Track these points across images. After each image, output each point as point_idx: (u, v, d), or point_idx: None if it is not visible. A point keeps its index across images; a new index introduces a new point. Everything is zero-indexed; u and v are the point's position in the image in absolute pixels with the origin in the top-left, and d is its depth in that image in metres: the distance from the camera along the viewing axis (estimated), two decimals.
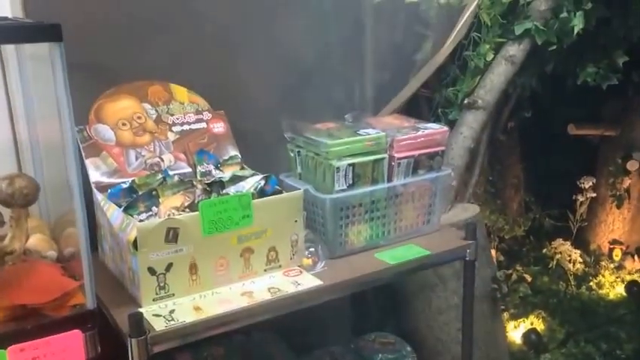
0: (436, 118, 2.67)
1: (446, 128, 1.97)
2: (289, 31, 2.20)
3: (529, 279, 3.41)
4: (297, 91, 2.26)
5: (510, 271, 3.37)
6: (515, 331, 3.31)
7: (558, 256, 3.57)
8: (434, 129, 1.94)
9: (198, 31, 2.00)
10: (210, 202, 1.55)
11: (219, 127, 1.93)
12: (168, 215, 1.56)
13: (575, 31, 2.53)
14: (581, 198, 3.72)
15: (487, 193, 3.76)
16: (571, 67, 2.91)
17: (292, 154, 1.95)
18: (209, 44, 2.03)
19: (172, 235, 1.49)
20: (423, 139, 1.91)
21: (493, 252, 3.41)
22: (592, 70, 2.88)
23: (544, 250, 3.72)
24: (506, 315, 3.25)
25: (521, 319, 3.35)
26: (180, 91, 1.92)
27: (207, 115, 1.93)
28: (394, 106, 2.46)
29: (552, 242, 3.64)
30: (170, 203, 1.61)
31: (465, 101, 2.59)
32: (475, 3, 2.52)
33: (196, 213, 1.53)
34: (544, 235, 3.95)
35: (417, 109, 2.62)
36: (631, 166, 3.79)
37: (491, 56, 2.57)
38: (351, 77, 2.43)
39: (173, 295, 1.55)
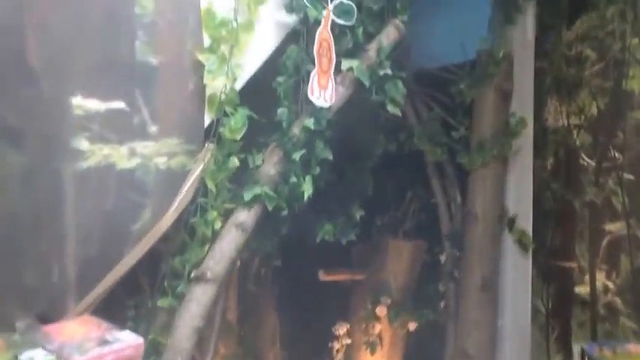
0: (162, 292, 2.26)
1: (141, 340, 1.55)
2: None
3: None
4: None
5: None
6: None
7: None
8: (126, 343, 1.52)
9: None
10: None
11: None
12: None
13: (306, 196, 2.35)
14: (337, 345, 3.50)
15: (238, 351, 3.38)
16: (309, 226, 2.72)
17: None
18: None
19: None
20: (110, 357, 1.47)
21: None
22: (330, 228, 2.71)
23: None
24: None
25: None
26: None
27: None
28: (103, 287, 2.01)
29: None
30: None
31: (193, 274, 2.23)
32: (200, 168, 2.22)
33: None
34: None
35: (136, 285, 2.19)
36: (380, 311, 3.68)
37: (220, 224, 2.27)
38: (47, 257, 1.94)
39: None
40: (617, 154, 2.58)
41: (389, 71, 2.50)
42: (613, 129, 2.58)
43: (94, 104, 1.99)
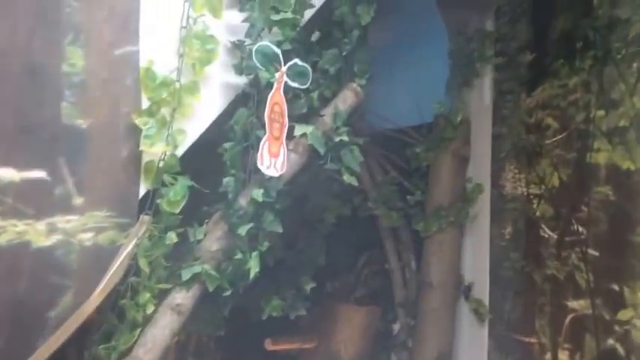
0: None
1: None
2: None
3: None
4: None
5: None
6: None
7: None
8: None
9: None
10: None
11: None
12: None
13: (252, 275, 2.08)
14: None
15: None
16: (255, 303, 2.44)
17: None
18: None
19: None
20: None
21: None
22: (278, 303, 2.45)
23: None
24: None
25: None
26: None
27: None
28: None
29: None
30: None
31: None
32: (132, 243, 1.93)
33: None
34: None
35: None
36: None
37: (153, 307, 1.97)
38: None
39: None
40: (580, 229, 2.41)
41: (345, 138, 2.29)
42: (576, 202, 2.42)
43: (8, 174, 1.69)
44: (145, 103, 1.94)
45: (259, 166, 2.04)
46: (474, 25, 3.21)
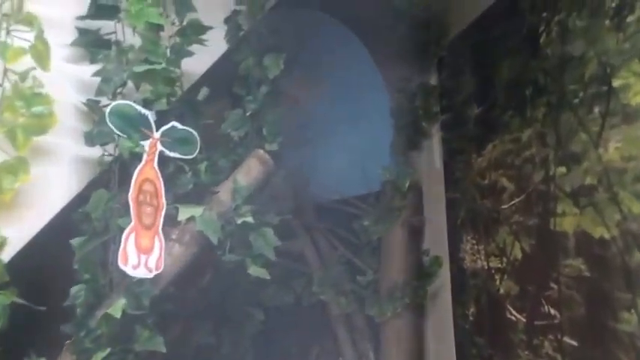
0: None
1: None
2: None
3: None
4: None
5: None
6: None
7: None
8: None
9: None
10: None
11: None
12: None
13: None
14: None
15: None
16: None
17: None
18: None
19: None
20: None
21: None
22: None
23: None
24: None
25: None
26: None
27: None
28: None
29: None
30: None
31: None
32: None
33: None
34: None
35: None
36: None
37: None
38: None
39: None
40: (552, 311, 1.85)
41: (249, 219, 1.75)
42: (544, 278, 1.87)
43: None
44: None
45: (121, 266, 1.48)
46: (416, 80, 2.76)
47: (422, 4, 2.68)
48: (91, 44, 1.64)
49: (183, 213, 1.66)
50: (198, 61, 1.86)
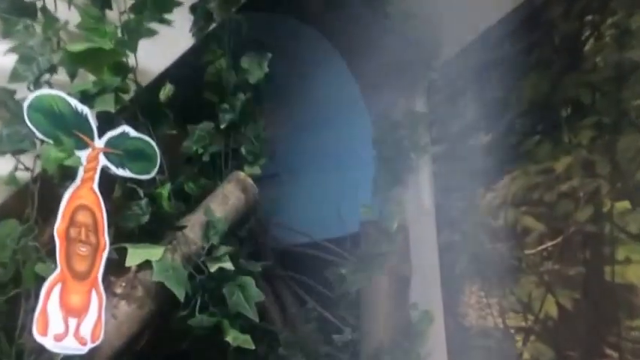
0: None
1: None
2: None
3: None
4: None
5: None
6: None
7: None
8: None
9: None
10: None
11: None
12: None
13: None
14: None
15: None
16: None
17: None
18: None
19: None
20: None
21: None
22: None
23: None
24: None
25: None
26: None
27: None
28: None
29: None
30: None
31: None
32: None
33: None
34: None
35: None
36: None
37: None
38: None
39: None
40: None
41: (227, 264, 1.21)
42: (596, 343, 1.44)
43: None
44: None
45: (38, 337, 0.90)
46: (402, 105, 2.35)
47: (411, 21, 2.31)
48: (6, 9, 1.10)
49: (135, 256, 1.10)
50: (154, 56, 1.35)
